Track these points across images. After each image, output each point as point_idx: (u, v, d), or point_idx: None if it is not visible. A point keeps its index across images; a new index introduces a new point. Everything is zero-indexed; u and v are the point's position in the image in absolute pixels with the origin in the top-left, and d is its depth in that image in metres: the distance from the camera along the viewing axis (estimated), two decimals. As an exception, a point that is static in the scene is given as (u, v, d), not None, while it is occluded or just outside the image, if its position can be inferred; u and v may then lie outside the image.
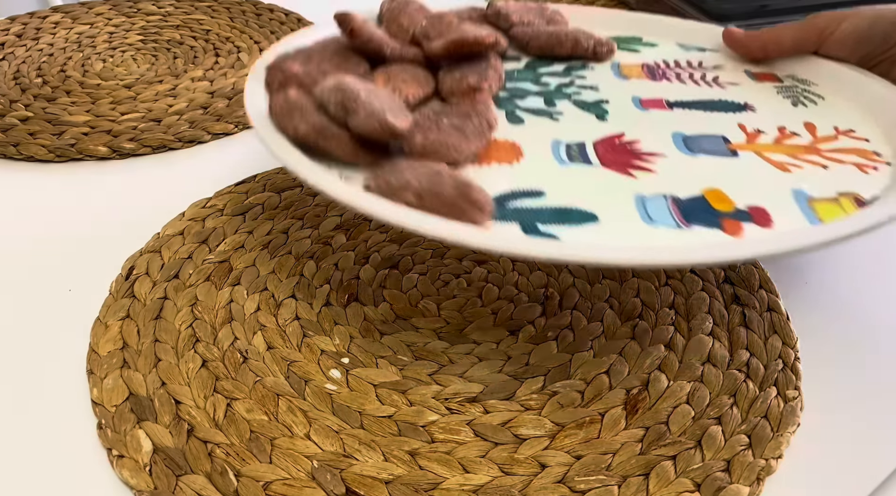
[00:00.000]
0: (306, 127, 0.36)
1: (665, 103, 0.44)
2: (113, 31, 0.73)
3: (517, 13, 0.51)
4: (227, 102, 0.61)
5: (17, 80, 0.64)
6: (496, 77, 0.43)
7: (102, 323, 0.40)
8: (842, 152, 0.39)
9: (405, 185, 0.32)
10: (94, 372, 0.37)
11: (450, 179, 0.32)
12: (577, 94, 0.45)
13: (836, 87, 0.46)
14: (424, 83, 0.42)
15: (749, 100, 0.44)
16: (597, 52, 0.49)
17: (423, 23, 0.47)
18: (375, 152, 0.36)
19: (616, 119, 0.42)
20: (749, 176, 0.37)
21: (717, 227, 0.33)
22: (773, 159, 0.38)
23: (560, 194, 0.35)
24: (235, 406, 0.36)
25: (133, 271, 0.43)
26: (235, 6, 0.78)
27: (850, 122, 0.42)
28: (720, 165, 0.37)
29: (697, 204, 0.34)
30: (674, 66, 0.49)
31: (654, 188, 0.35)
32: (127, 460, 0.33)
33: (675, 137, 0.40)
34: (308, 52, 0.43)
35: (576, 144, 0.39)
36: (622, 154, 0.38)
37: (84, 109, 0.59)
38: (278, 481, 0.32)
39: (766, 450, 0.34)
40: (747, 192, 0.35)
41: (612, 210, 0.34)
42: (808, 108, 0.44)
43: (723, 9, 0.66)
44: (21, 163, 0.54)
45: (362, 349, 0.39)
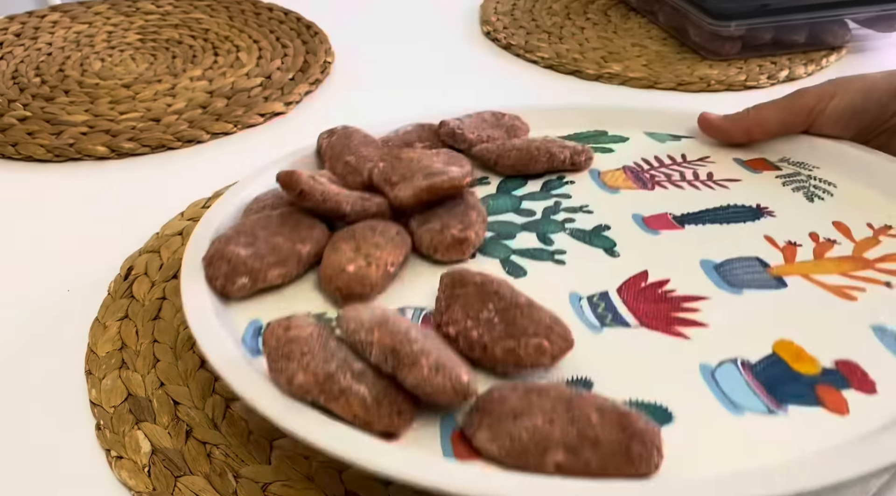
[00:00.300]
0: (305, 379, 0.26)
1: (672, 219, 0.39)
2: (111, 30, 0.73)
3: (474, 129, 0.45)
4: (225, 102, 0.60)
5: (16, 79, 0.64)
6: (480, 220, 0.37)
7: (101, 323, 0.40)
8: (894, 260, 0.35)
9: (544, 440, 0.24)
10: (92, 372, 0.37)
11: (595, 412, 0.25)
12: (570, 221, 0.39)
13: (843, 170, 0.42)
14: (400, 243, 0.36)
15: (761, 200, 0.40)
16: (575, 163, 0.44)
17: (379, 165, 0.40)
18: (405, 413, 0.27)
19: (628, 251, 0.37)
20: (813, 313, 0.32)
21: (815, 402, 0.28)
22: (828, 283, 0.34)
23: (612, 382, 0.29)
24: (234, 406, 0.35)
25: (132, 271, 0.43)
26: (234, 5, 0.78)
27: (881, 214, 0.39)
28: (774, 302, 0.33)
29: (777, 369, 0.29)
30: (657, 165, 0.44)
31: (716, 352, 0.30)
32: (126, 461, 0.33)
33: (706, 267, 0.35)
34: (250, 227, 0.36)
35: (598, 297, 0.34)
36: (659, 304, 0.33)
37: (83, 109, 0.59)
38: (277, 482, 0.32)
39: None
40: (824, 340, 0.30)
41: (683, 397, 0.28)
42: (827, 202, 0.40)
43: (723, 8, 0.66)
44: (20, 162, 0.54)
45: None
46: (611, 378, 0.29)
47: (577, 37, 0.74)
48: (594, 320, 0.32)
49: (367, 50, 0.73)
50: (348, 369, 0.27)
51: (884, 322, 0.31)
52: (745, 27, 0.66)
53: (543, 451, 0.24)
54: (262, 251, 0.34)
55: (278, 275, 0.35)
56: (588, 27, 0.76)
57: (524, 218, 0.40)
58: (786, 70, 0.66)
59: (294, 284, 0.36)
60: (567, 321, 0.31)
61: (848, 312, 0.32)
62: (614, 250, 0.37)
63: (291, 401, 0.27)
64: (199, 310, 0.32)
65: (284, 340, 0.27)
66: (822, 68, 0.67)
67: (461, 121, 0.46)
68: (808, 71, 0.66)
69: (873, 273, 0.34)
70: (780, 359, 0.30)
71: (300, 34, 0.73)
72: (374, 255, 0.34)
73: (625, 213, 0.40)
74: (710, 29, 0.66)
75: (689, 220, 0.39)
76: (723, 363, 0.30)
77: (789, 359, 0.29)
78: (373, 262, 0.34)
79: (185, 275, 0.34)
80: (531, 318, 0.29)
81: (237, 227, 0.36)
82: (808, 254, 0.36)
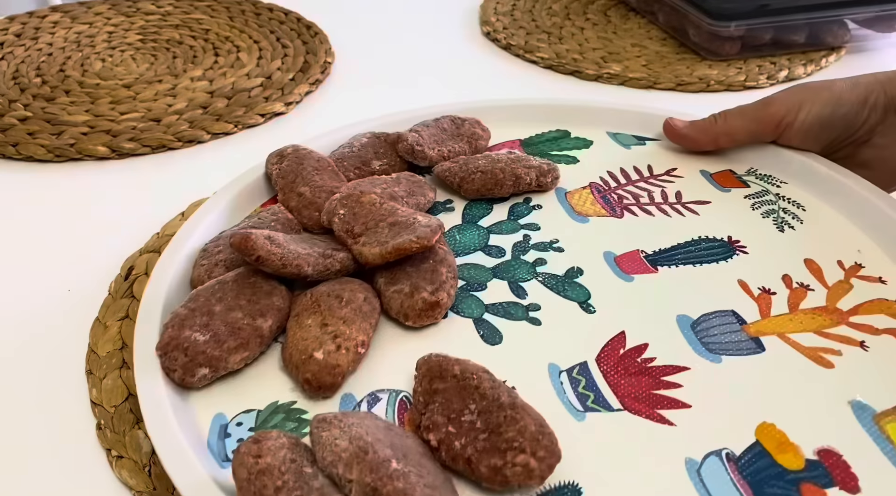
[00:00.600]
0: None
1: (644, 259, 0.39)
2: (112, 30, 0.73)
3: (433, 144, 0.44)
4: (226, 102, 0.60)
5: (17, 79, 0.64)
6: (451, 277, 0.35)
7: (102, 323, 0.40)
8: (867, 312, 0.35)
9: None
10: (93, 372, 0.37)
11: None
12: (541, 263, 0.38)
13: (811, 189, 0.43)
14: (369, 312, 0.33)
15: (732, 231, 0.40)
16: (541, 184, 0.43)
17: (340, 212, 0.37)
18: None
19: (603, 304, 0.36)
20: (793, 387, 0.32)
21: None
22: (804, 345, 0.34)
23: (601, 488, 0.28)
24: (235, 407, 0.35)
25: (132, 271, 0.43)
26: (235, 6, 0.78)
27: (850, 247, 0.39)
28: (752, 371, 0.33)
29: (761, 463, 0.29)
30: (625, 181, 0.44)
31: (700, 441, 0.30)
32: (126, 461, 0.33)
33: (683, 325, 0.35)
34: (204, 303, 0.33)
35: (579, 370, 0.33)
36: (640, 378, 0.32)
37: (83, 109, 0.59)
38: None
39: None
40: (804, 423, 0.30)
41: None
42: (797, 232, 0.40)
43: (723, 8, 0.66)
44: (20, 163, 0.54)
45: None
46: (598, 483, 0.28)
47: (576, 37, 0.74)
48: (576, 402, 0.31)
49: (367, 50, 0.73)
50: None
51: (860, 397, 0.31)
52: (744, 27, 0.66)
53: None
54: (221, 333, 0.32)
55: (240, 359, 0.32)
56: (588, 27, 0.76)
57: (494, 259, 0.39)
58: (785, 70, 0.66)
59: (257, 363, 0.34)
60: (551, 405, 0.31)
61: (826, 384, 0.32)
62: (589, 304, 0.36)
63: None
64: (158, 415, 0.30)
65: (256, 472, 0.25)
66: (822, 68, 0.67)
67: (419, 134, 0.44)
68: (807, 71, 0.66)
69: (848, 330, 0.34)
70: (763, 450, 0.29)
71: (300, 34, 0.73)
72: (343, 335, 0.32)
73: (596, 250, 0.39)
74: (710, 29, 0.66)
75: (661, 261, 0.39)
76: (708, 456, 0.29)
77: (772, 450, 0.29)
78: (342, 345, 0.31)
79: (138, 364, 0.32)
80: (516, 426, 0.27)
81: (190, 302, 0.33)
82: (782, 304, 0.36)
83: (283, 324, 0.34)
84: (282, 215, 0.39)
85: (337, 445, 0.25)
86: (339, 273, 0.35)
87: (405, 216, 0.36)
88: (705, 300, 0.36)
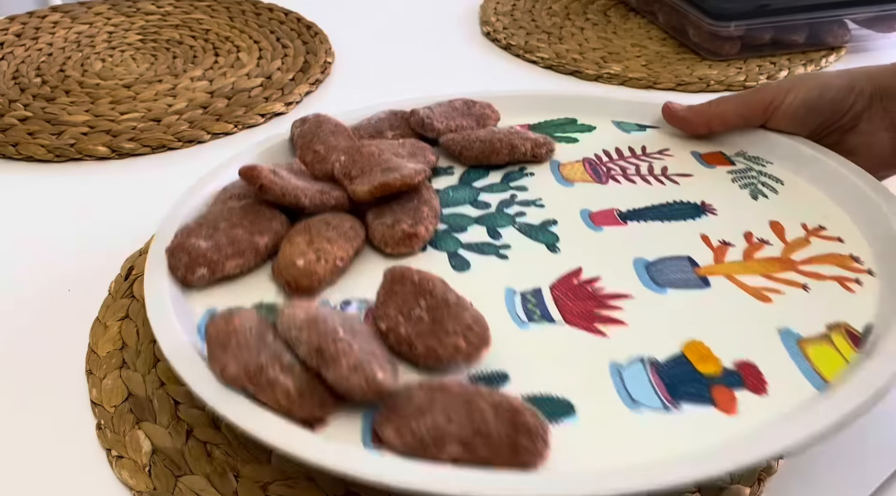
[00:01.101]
0: (237, 369, 0.28)
1: (617, 216, 0.40)
2: (112, 30, 0.73)
3: (442, 119, 0.47)
4: (226, 102, 0.60)
5: (17, 79, 0.64)
6: (432, 215, 0.39)
7: (102, 323, 0.40)
8: (819, 263, 0.37)
9: (441, 435, 0.27)
10: (93, 372, 0.37)
11: (490, 409, 0.27)
12: (521, 215, 0.41)
13: (793, 166, 0.44)
14: (353, 236, 0.37)
15: (706, 197, 0.41)
16: (536, 155, 0.45)
17: (341, 158, 0.41)
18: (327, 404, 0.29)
19: (569, 247, 0.38)
20: (727, 315, 0.34)
21: (709, 401, 0.29)
22: (749, 285, 0.35)
23: (527, 376, 0.31)
24: (235, 406, 0.35)
25: (132, 271, 0.43)
26: (235, 6, 0.78)
27: (818, 215, 0.40)
28: (693, 302, 0.34)
29: (680, 369, 0.31)
30: (617, 157, 0.46)
31: (628, 350, 0.32)
32: (126, 461, 0.33)
33: (638, 266, 0.37)
34: (213, 218, 0.38)
35: (532, 293, 0.35)
36: (585, 301, 0.35)
37: (83, 109, 0.59)
38: (278, 482, 0.32)
39: (767, 451, 0.33)
40: (730, 341, 0.32)
41: (589, 393, 0.30)
42: (770, 200, 0.41)
43: (723, 8, 0.66)
44: (20, 163, 0.54)
45: (362, 350, 0.38)
46: (525, 373, 0.31)
47: (576, 37, 0.74)
48: (522, 315, 0.34)
49: (367, 50, 0.73)
50: (278, 362, 0.28)
51: (790, 325, 0.33)
52: (744, 27, 0.66)
53: (441, 446, 0.26)
54: (222, 243, 0.36)
55: (235, 265, 0.36)
56: (588, 27, 0.76)
57: (479, 211, 0.42)
58: (785, 70, 0.66)
59: (253, 274, 0.37)
60: (498, 316, 0.34)
61: (760, 315, 0.34)
62: (556, 246, 0.38)
63: (225, 388, 0.29)
64: (158, 298, 0.34)
65: (224, 332, 0.29)
66: (822, 68, 0.67)
67: (431, 110, 0.47)
68: (807, 71, 0.66)
69: (794, 275, 0.36)
70: (686, 360, 0.31)
71: (300, 34, 0.73)
72: (324, 250, 0.36)
73: (574, 207, 0.41)
74: (710, 29, 0.66)
75: (632, 217, 0.40)
76: (632, 362, 0.31)
77: (694, 361, 0.31)
78: (322, 257, 0.35)
79: (150, 263, 0.36)
80: (455, 317, 0.31)
81: (201, 218, 0.38)
82: (738, 254, 0.37)
83: (279, 243, 0.37)
84: (297, 167, 0.43)
85: (296, 316, 0.30)
86: (334, 209, 0.39)
87: (397, 163, 0.40)
88: (664, 247, 0.38)
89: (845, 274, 0.36)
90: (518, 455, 0.26)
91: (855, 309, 0.34)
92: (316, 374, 0.29)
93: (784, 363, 0.31)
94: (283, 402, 0.28)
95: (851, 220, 0.39)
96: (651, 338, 0.32)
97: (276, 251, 0.37)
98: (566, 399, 0.30)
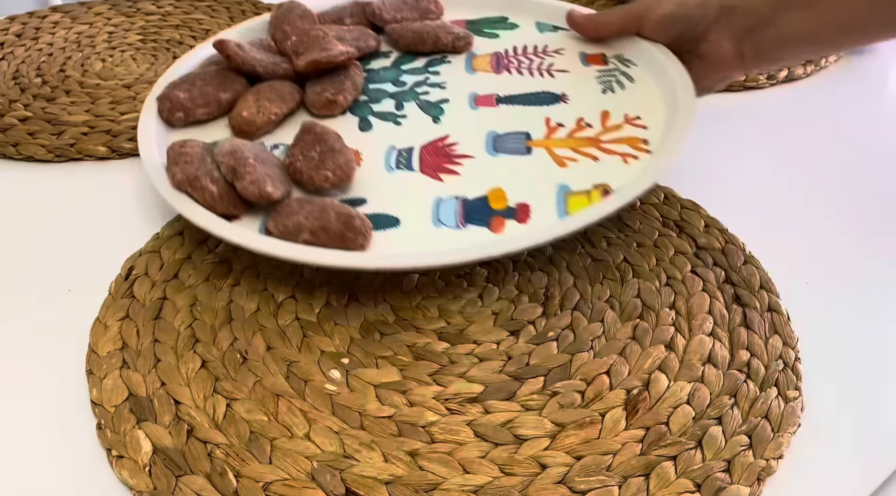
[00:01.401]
0: (182, 176, 0.42)
1: (495, 100, 0.51)
2: (112, 30, 0.73)
3: (391, 11, 0.58)
4: (226, 102, 0.60)
5: (17, 79, 0.64)
6: (351, 88, 0.51)
7: (102, 323, 0.40)
8: (618, 143, 0.46)
9: (300, 227, 0.40)
10: (93, 372, 0.37)
11: (334, 214, 0.40)
12: (425, 94, 0.52)
13: (648, 69, 0.52)
14: (289, 99, 0.50)
15: (567, 89, 0.51)
16: (455, 47, 0.56)
17: (292, 38, 0.53)
18: (237, 208, 0.42)
19: (448, 120, 0.49)
20: (531, 173, 0.44)
21: (486, 225, 0.41)
22: (558, 155, 0.45)
23: (379, 200, 0.43)
24: (235, 406, 0.36)
25: (133, 271, 0.43)
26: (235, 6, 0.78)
27: (642, 108, 0.49)
28: (513, 164, 0.45)
29: (479, 204, 0.42)
30: (521, 53, 0.56)
31: (452, 190, 0.43)
32: (126, 460, 0.33)
33: (488, 137, 0.47)
34: (193, 78, 0.51)
35: (406, 150, 0.47)
36: (440, 158, 0.46)
37: (83, 109, 0.59)
38: (278, 482, 0.32)
39: (767, 451, 0.34)
40: (522, 190, 0.43)
41: (413, 214, 0.42)
42: (615, 94, 0.50)
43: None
44: (20, 163, 0.54)
45: (362, 349, 0.39)
46: (378, 200, 0.43)
47: (577, 37, 0.74)
48: (393, 165, 0.46)
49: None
50: (209, 176, 0.42)
51: (568, 183, 0.43)
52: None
53: (298, 234, 0.40)
54: (195, 95, 0.50)
55: (204, 113, 0.50)
56: (588, 27, 0.76)
57: (396, 88, 0.53)
58: (785, 70, 0.66)
59: (217, 121, 0.51)
60: (376, 163, 0.46)
61: (553, 175, 0.44)
62: (440, 118, 0.49)
63: (176, 190, 0.42)
64: (146, 131, 0.48)
65: (178, 153, 0.43)
66: (822, 68, 0.67)
67: (384, 2, 0.59)
68: (806, 71, 0.66)
69: (594, 150, 0.46)
70: (486, 199, 0.43)
71: (300, 34, 0.73)
72: (264, 106, 0.49)
73: (467, 91, 0.52)
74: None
75: (505, 101, 0.51)
76: (450, 198, 0.43)
77: (491, 200, 0.42)
78: (261, 111, 0.48)
79: (145, 106, 0.50)
80: (334, 160, 0.43)
81: (185, 77, 0.51)
82: (564, 133, 0.47)
83: (237, 100, 0.50)
84: (266, 43, 0.55)
85: (224, 147, 0.43)
86: (283, 77, 0.52)
87: (333, 45, 0.52)
88: (514, 124, 0.48)
89: (631, 151, 0.45)
90: (345, 242, 0.39)
91: (620, 176, 0.43)
92: (231, 185, 0.42)
93: (549, 206, 0.42)
94: (209, 201, 0.41)
95: (663, 113, 0.48)
96: (470, 184, 0.44)
97: (234, 105, 0.50)
98: (396, 216, 0.42)
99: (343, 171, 0.43)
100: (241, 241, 0.39)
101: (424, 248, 0.39)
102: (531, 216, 0.41)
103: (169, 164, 0.43)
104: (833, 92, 0.65)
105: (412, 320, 0.41)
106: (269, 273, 0.43)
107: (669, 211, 0.49)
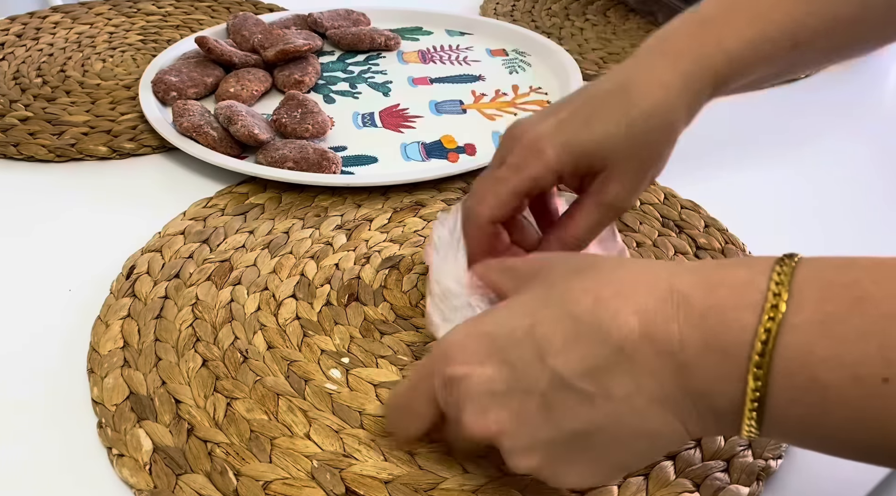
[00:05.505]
0: (188, 124, 0.53)
1: (429, 80, 0.66)
2: (113, 31, 0.73)
3: (329, 20, 0.71)
4: (227, 102, 0.61)
5: (17, 80, 0.64)
6: (314, 72, 0.63)
7: (103, 322, 0.40)
8: (530, 104, 0.62)
9: (284, 158, 0.51)
10: (94, 371, 0.37)
11: (312, 149, 0.52)
12: (371, 78, 0.66)
13: (540, 57, 0.69)
14: (264, 80, 0.62)
15: (482, 72, 0.67)
16: (387, 45, 0.69)
17: (259, 36, 0.66)
18: (233, 150, 0.53)
19: (396, 95, 0.63)
20: (470, 125, 0.59)
21: (445, 158, 0.55)
22: (487, 113, 0.61)
23: (356, 147, 0.56)
24: (235, 405, 0.36)
25: (134, 270, 0.43)
26: (235, 6, 0.78)
27: (542, 82, 0.65)
28: (455, 120, 0.60)
29: (436, 145, 0.56)
30: (440, 50, 0.71)
31: (412, 137, 0.57)
32: (127, 459, 0.33)
33: (431, 103, 0.62)
34: (179, 66, 0.62)
35: (368, 114, 0.60)
36: (397, 118, 0.60)
37: (84, 109, 0.59)
38: (278, 481, 0.32)
39: (766, 451, 0.34)
40: (466, 136, 0.58)
41: (386, 153, 0.55)
42: (519, 75, 0.67)
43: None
44: (21, 163, 0.54)
45: (362, 349, 0.39)
46: (354, 145, 0.56)
47: (576, 37, 0.74)
48: (360, 124, 0.59)
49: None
50: (209, 125, 0.53)
51: (498, 130, 0.58)
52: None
53: (283, 163, 0.51)
54: (184, 79, 0.60)
55: (193, 92, 0.60)
56: (587, 28, 0.76)
57: (346, 75, 0.66)
58: (785, 71, 0.66)
59: (203, 100, 0.60)
60: (346, 122, 0.59)
61: (487, 125, 0.59)
62: (388, 94, 0.63)
63: (182, 136, 0.54)
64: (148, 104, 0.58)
65: (182, 108, 0.55)
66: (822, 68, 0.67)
67: (322, 14, 0.72)
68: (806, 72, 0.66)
69: (514, 109, 0.62)
70: (440, 141, 0.57)
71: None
72: (247, 85, 0.60)
73: (405, 75, 0.66)
74: (710, 30, 0.66)
75: (437, 81, 0.66)
76: (413, 142, 0.57)
77: (444, 143, 0.57)
78: (245, 88, 0.60)
79: (142, 88, 0.60)
80: (313, 118, 0.55)
81: (173, 65, 0.63)
82: (488, 100, 0.63)
83: (218, 83, 0.61)
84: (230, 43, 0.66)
85: (223, 103, 0.55)
86: (254, 66, 0.63)
87: (294, 40, 0.64)
88: (449, 95, 0.64)
89: (539, 109, 0.57)
90: (322, 169, 0.51)
91: None
92: (227, 132, 0.53)
93: (489, 145, 0.57)
94: (212, 143, 0.52)
95: (558, 84, 0.65)
96: (425, 133, 0.58)
97: (217, 87, 0.61)
98: (374, 155, 0.55)
99: (321, 126, 0.55)
100: (240, 168, 0.51)
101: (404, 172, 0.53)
102: (477, 151, 0.56)
103: (175, 117, 0.54)
104: (833, 92, 0.65)
105: (412, 319, 0.41)
106: (269, 272, 0.43)
107: (669, 211, 0.49)
